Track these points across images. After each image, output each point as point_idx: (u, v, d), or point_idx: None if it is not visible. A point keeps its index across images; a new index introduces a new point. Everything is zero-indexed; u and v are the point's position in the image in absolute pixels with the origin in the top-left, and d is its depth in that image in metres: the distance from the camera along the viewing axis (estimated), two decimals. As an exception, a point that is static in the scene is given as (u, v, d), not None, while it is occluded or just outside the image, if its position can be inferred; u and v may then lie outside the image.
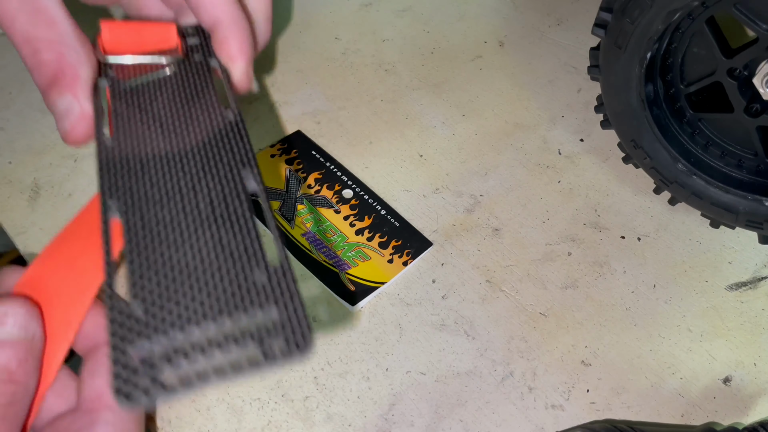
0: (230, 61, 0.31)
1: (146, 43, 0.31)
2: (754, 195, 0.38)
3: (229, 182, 0.23)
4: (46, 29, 0.28)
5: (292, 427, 0.34)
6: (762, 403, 0.35)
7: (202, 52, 0.31)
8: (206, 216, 0.22)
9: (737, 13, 0.34)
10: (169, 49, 0.31)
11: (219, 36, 0.31)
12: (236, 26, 0.31)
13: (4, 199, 0.43)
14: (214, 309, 0.20)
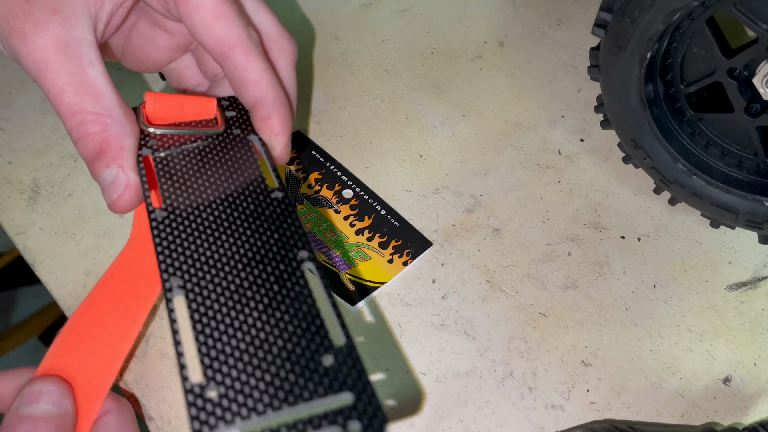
0: (274, 137, 0.32)
1: (187, 115, 0.32)
2: (754, 195, 0.38)
3: (287, 263, 0.24)
4: (92, 102, 0.29)
5: (292, 427, 0.34)
6: (762, 403, 0.35)
7: (239, 126, 0.32)
8: (269, 298, 0.23)
9: (737, 13, 0.34)
10: (208, 121, 0.32)
11: (262, 113, 0.32)
12: (280, 104, 0.33)
13: (4, 199, 0.43)
14: (288, 394, 0.20)
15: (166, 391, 0.35)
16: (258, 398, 0.20)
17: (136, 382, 0.35)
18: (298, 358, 0.21)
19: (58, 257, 0.40)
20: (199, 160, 0.30)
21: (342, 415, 0.20)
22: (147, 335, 0.37)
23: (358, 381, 0.20)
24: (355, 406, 0.20)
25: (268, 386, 0.20)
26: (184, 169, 0.29)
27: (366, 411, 0.20)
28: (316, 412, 0.20)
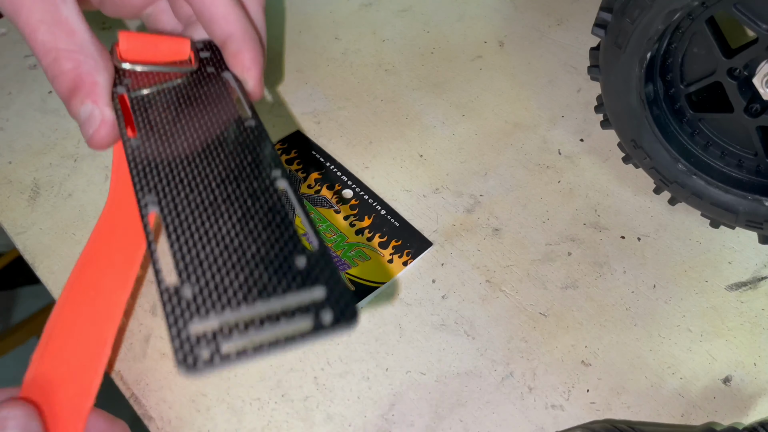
0: (245, 71, 0.33)
1: (161, 55, 0.32)
2: (754, 195, 0.38)
3: (261, 181, 0.25)
4: (65, 39, 0.30)
5: (292, 427, 0.34)
6: (762, 403, 0.35)
7: (214, 65, 0.33)
8: (242, 210, 0.24)
9: (737, 13, 0.34)
10: (182, 61, 0.33)
11: (232, 49, 0.33)
12: (249, 39, 0.33)
13: (4, 199, 0.43)
14: (262, 291, 0.21)
15: (166, 391, 0.35)
16: (232, 295, 0.21)
17: (136, 382, 0.35)
18: (272, 260, 0.22)
19: (58, 257, 0.40)
20: (174, 97, 0.30)
21: (314, 307, 0.21)
22: (147, 335, 0.37)
23: (330, 279, 0.22)
24: (327, 299, 0.21)
25: (242, 285, 0.22)
26: (159, 105, 0.30)
27: (338, 303, 0.21)
28: (289, 305, 0.21)
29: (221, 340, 0.20)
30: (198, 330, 0.20)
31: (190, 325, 0.21)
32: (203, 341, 0.20)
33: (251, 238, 0.23)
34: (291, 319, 0.21)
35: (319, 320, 0.21)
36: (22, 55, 0.52)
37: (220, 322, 0.21)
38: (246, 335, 0.20)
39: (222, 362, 0.20)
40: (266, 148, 0.27)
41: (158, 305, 0.36)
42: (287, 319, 0.21)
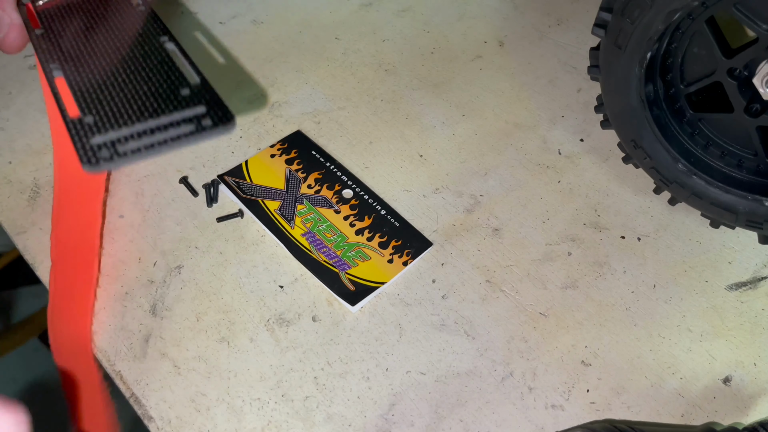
0: None
1: None
2: (754, 195, 0.38)
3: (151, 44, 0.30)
4: None
5: (292, 427, 0.34)
6: (762, 403, 0.35)
7: None
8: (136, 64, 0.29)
9: (737, 13, 0.34)
10: None
11: None
12: None
13: (4, 199, 0.43)
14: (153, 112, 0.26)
15: (166, 391, 0.35)
16: (127, 117, 0.26)
17: (136, 382, 0.35)
18: (161, 94, 0.27)
19: (58, 257, 0.40)
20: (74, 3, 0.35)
21: (197, 118, 0.26)
22: (147, 335, 0.37)
23: (210, 99, 0.27)
24: (207, 112, 0.26)
25: (135, 111, 0.26)
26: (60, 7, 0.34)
27: (216, 113, 0.26)
28: (175, 118, 0.26)
29: (118, 145, 0.25)
30: (98, 140, 0.25)
31: (92, 138, 0.25)
32: (103, 147, 0.25)
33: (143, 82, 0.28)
34: (178, 127, 0.26)
35: (201, 124, 0.26)
36: (22, 55, 0.52)
37: (117, 135, 0.25)
38: (140, 140, 0.25)
39: (120, 159, 0.24)
40: (155, 23, 0.32)
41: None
42: (175, 127, 0.26)
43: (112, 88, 0.28)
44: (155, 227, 0.41)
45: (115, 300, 0.38)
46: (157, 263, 0.40)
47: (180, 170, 0.44)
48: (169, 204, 0.43)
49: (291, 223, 0.41)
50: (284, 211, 0.42)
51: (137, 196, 0.43)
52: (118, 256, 0.40)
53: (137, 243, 0.41)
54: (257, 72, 0.50)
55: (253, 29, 0.53)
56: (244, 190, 0.43)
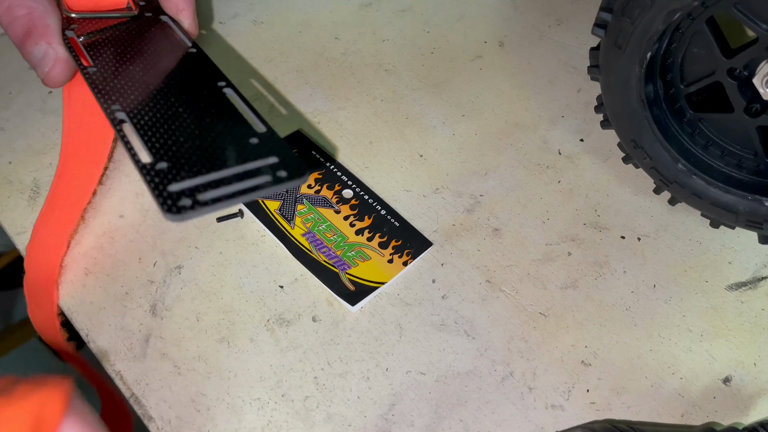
0: (180, 12, 0.37)
1: (103, 3, 0.36)
2: (754, 195, 0.38)
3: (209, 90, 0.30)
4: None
5: (292, 427, 0.34)
6: (762, 403, 0.35)
7: (151, 10, 0.37)
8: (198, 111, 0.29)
9: (737, 13, 0.34)
10: (122, 8, 0.37)
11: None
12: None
13: (4, 199, 0.43)
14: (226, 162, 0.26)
15: (166, 391, 0.35)
16: (200, 166, 0.26)
17: (136, 382, 0.35)
18: (229, 141, 0.27)
19: (58, 257, 0.40)
20: (120, 37, 0.35)
21: (271, 168, 0.26)
22: (147, 335, 0.37)
23: (280, 149, 0.27)
24: (280, 163, 0.26)
25: (207, 160, 0.26)
26: (107, 43, 0.34)
27: (290, 165, 0.26)
28: (249, 168, 0.26)
29: (197, 193, 0.25)
30: (176, 188, 0.25)
31: (169, 186, 0.25)
32: (183, 195, 0.24)
33: (209, 128, 0.28)
34: (254, 178, 0.26)
35: (276, 176, 0.26)
36: (22, 55, 0.52)
37: (194, 183, 0.25)
38: (217, 189, 0.25)
39: (201, 207, 0.24)
40: (210, 67, 0.32)
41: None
42: (251, 178, 0.26)
43: (179, 134, 0.27)
44: (155, 227, 0.41)
45: (115, 300, 0.38)
46: (157, 263, 0.40)
47: (180, 170, 0.44)
48: (169, 204, 0.43)
49: (291, 223, 0.41)
50: (284, 211, 0.42)
51: (137, 196, 0.43)
52: (118, 256, 0.40)
53: (137, 243, 0.41)
54: (257, 72, 0.50)
55: (253, 29, 0.53)
56: (244, 190, 0.43)
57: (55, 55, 0.34)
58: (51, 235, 0.39)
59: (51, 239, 0.39)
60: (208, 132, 0.28)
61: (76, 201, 0.40)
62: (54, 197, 0.39)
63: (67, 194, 0.39)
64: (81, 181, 0.39)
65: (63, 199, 0.39)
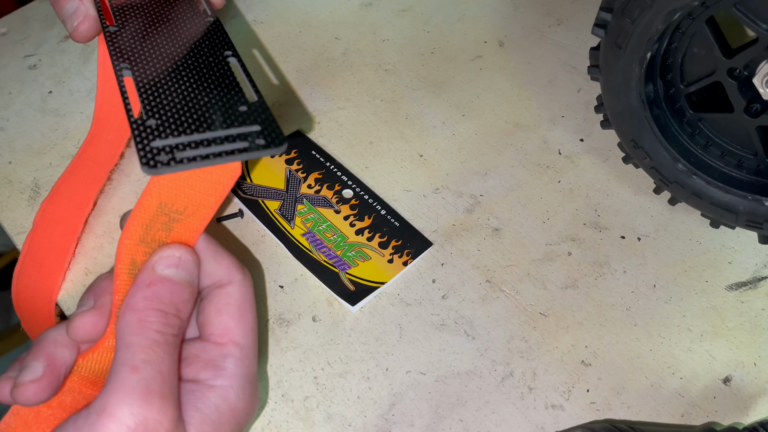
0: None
1: None
2: (754, 195, 0.38)
3: (215, 57, 0.32)
4: None
5: (292, 427, 0.34)
6: (762, 403, 0.35)
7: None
8: (198, 74, 0.31)
9: (737, 13, 0.34)
10: None
11: None
12: None
13: (4, 199, 0.43)
14: (211, 124, 0.28)
15: (166, 391, 0.35)
16: (186, 126, 0.27)
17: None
18: (220, 107, 0.29)
19: (58, 257, 0.40)
20: (146, 2, 0.36)
21: (251, 136, 0.27)
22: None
23: (265, 120, 0.28)
24: (261, 132, 0.27)
25: (194, 121, 0.28)
26: (132, 7, 0.35)
27: (270, 135, 0.27)
28: (231, 133, 0.27)
29: (176, 151, 0.26)
30: (158, 144, 0.26)
31: (152, 141, 0.26)
32: (162, 151, 0.26)
33: (204, 93, 0.29)
34: (232, 142, 0.27)
35: (254, 143, 0.27)
36: (22, 55, 0.52)
37: (176, 141, 0.27)
38: (196, 149, 0.26)
39: (177, 165, 0.25)
40: (221, 36, 0.34)
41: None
42: (229, 142, 0.27)
43: (175, 95, 0.29)
44: (155, 227, 0.41)
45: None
46: (157, 263, 0.40)
47: (180, 170, 0.44)
48: (169, 204, 0.43)
49: (291, 223, 0.41)
50: (284, 211, 0.42)
51: (137, 196, 0.43)
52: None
53: (137, 243, 0.41)
54: (257, 72, 0.50)
55: (253, 29, 0.53)
56: (244, 190, 0.43)
57: (85, 11, 0.36)
58: (76, 193, 0.40)
59: (76, 197, 0.40)
60: (203, 96, 0.29)
61: (105, 161, 0.41)
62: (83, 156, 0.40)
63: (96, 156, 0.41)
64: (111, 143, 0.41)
65: (91, 160, 0.41)
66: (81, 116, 0.48)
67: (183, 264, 0.29)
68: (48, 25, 0.54)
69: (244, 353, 0.29)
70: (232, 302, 0.30)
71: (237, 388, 0.28)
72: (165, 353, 0.27)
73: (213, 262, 0.30)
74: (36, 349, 0.29)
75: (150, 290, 0.28)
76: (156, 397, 0.25)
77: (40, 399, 0.28)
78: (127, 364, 0.26)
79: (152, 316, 0.27)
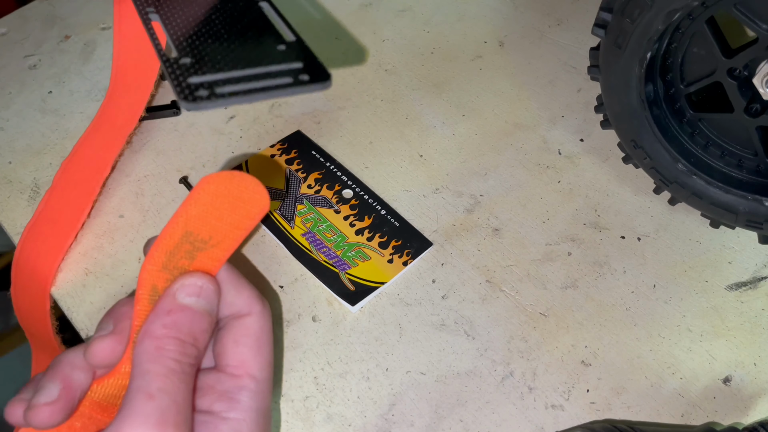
0: None
1: None
2: (754, 195, 0.38)
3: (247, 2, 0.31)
4: None
5: (292, 427, 0.34)
6: (762, 403, 0.35)
7: None
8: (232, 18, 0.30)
9: (737, 13, 0.34)
10: None
11: None
12: None
13: (4, 199, 0.43)
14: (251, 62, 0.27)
15: (166, 391, 0.35)
16: (224, 64, 0.26)
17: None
18: (257, 46, 0.28)
19: (58, 257, 0.40)
20: None
21: (294, 72, 0.26)
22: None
23: (306, 57, 0.27)
24: (304, 68, 0.27)
25: (233, 59, 0.27)
26: None
27: (314, 71, 0.27)
28: (273, 70, 0.26)
29: (215, 87, 0.25)
30: (196, 80, 0.25)
31: (189, 77, 0.25)
32: (201, 87, 0.25)
33: (239, 34, 0.29)
34: (275, 78, 0.26)
35: (298, 78, 0.26)
36: (22, 55, 0.52)
37: (215, 77, 0.26)
38: (237, 84, 0.25)
39: (217, 99, 0.24)
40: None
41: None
42: (272, 78, 0.26)
43: (209, 37, 0.28)
44: (155, 227, 0.41)
45: (115, 300, 0.38)
46: (157, 263, 0.40)
47: (180, 170, 0.44)
48: (169, 204, 0.43)
49: (291, 223, 0.41)
50: (284, 211, 0.42)
51: (137, 196, 0.43)
52: (118, 256, 0.40)
53: (137, 243, 0.41)
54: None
55: (253, 29, 0.53)
56: (244, 190, 0.43)
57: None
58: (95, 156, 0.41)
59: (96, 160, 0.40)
60: (236, 37, 0.29)
61: (124, 125, 0.41)
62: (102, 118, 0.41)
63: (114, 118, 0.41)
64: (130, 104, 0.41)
65: (110, 122, 0.41)
66: (81, 116, 0.48)
67: (204, 293, 0.28)
68: (48, 25, 0.54)
69: (259, 387, 0.29)
70: (251, 334, 0.30)
71: (250, 422, 0.28)
72: (181, 383, 0.26)
73: (234, 293, 0.30)
74: (52, 372, 0.29)
75: (170, 318, 0.27)
76: (170, 426, 0.25)
77: (54, 422, 0.28)
78: (143, 391, 0.25)
79: (170, 344, 0.27)
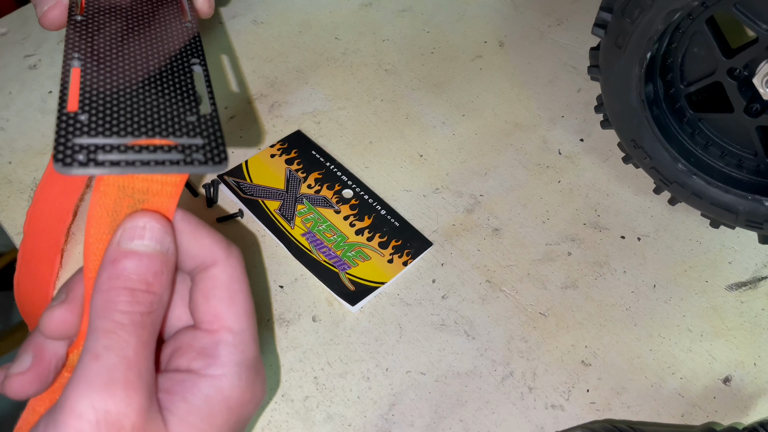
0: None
1: None
2: (754, 195, 0.38)
3: (180, 63, 0.30)
4: None
5: (292, 427, 0.34)
6: (762, 403, 0.35)
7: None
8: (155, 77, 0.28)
9: (737, 13, 0.34)
10: None
11: None
12: None
13: (4, 199, 0.43)
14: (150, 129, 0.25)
15: (166, 391, 0.35)
16: (121, 128, 0.25)
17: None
18: (168, 114, 0.26)
19: (58, 257, 0.40)
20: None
21: (190, 149, 0.25)
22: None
23: (211, 134, 0.26)
24: (203, 147, 0.25)
25: (133, 123, 0.25)
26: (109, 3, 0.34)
27: (211, 151, 0.25)
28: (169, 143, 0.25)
29: (100, 152, 0.24)
30: (81, 141, 0.24)
31: (76, 138, 0.24)
32: (83, 150, 0.23)
33: (155, 97, 0.27)
34: (167, 152, 0.24)
35: (191, 157, 0.24)
36: (22, 55, 0.52)
37: (103, 142, 0.24)
38: (123, 154, 0.24)
39: (94, 167, 0.23)
40: (194, 42, 0.32)
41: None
42: (163, 152, 0.24)
43: (121, 95, 0.27)
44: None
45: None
46: (157, 263, 0.40)
47: (180, 170, 0.44)
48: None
49: (291, 223, 0.41)
50: (284, 211, 0.42)
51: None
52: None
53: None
54: (257, 72, 0.50)
55: (253, 29, 0.53)
56: (244, 190, 0.43)
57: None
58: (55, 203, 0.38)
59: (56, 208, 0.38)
60: (152, 100, 0.27)
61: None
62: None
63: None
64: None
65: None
66: (81, 116, 0.47)
67: (150, 233, 0.26)
68: (48, 25, 0.54)
69: (238, 338, 0.27)
70: (219, 285, 0.27)
71: (232, 376, 0.26)
72: (131, 335, 0.24)
73: (193, 243, 0.27)
74: (26, 343, 0.28)
75: (114, 268, 0.25)
76: (119, 386, 0.23)
77: (28, 392, 0.27)
78: (90, 351, 0.23)
79: (118, 295, 0.25)
